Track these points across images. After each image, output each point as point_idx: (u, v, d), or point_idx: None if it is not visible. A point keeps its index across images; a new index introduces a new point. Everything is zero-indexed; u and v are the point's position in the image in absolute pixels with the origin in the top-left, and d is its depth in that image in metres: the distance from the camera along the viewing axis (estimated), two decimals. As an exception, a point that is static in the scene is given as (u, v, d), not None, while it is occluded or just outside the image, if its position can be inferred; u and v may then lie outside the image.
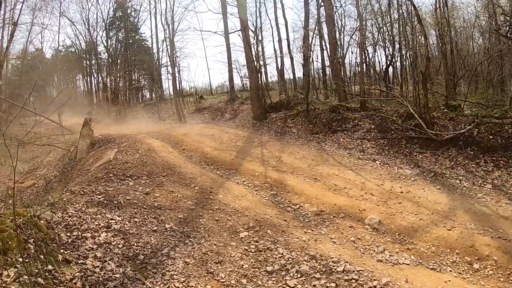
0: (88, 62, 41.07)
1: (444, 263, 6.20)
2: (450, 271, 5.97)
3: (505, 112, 12.47)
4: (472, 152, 11.19)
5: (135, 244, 6.29)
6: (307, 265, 5.84)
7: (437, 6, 20.43)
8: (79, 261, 5.22)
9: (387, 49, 25.32)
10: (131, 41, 39.03)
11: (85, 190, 8.79)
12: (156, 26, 43.07)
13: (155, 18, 44.83)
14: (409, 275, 5.67)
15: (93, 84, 41.91)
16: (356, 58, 29.03)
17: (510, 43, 15.79)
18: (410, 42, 21.98)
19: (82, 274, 4.88)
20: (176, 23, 32.81)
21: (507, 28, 16.60)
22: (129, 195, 8.73)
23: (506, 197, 8.68)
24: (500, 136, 11.28)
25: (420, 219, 7.69)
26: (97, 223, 6.78)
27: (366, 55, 24.21)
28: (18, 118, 18.92)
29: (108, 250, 5.87)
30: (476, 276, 5.81)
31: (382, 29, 25.28)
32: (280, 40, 28.21)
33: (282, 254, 6.24)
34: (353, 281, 5.39)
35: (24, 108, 12.80)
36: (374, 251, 6.63)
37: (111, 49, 38.45)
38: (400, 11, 22.34)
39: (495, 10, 18.13)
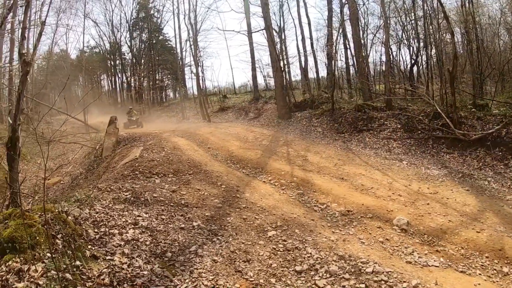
0: (112, 62, 41.82)
1: (474, 266, 6.09)
2: (480, 274, 5.86)
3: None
4: (500, 153, 11.00)
5: (162, 241, 6.30)
6: (336, 265, 5.79)
7: (463, 2, 20.05)
8: (107, 257, 5.26)
9: (411, 48, 25.02)
10: (154, 41, 39.54)
11: (111, 187, 8.90)
12: (179, 26, 43.35)
13: (178, 18, 45.65)
14: (438, 277, 5.59)
15: (117, 84, 42.72)
16: (380, 57, 28.83)
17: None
18: (436, 40, 21.63)
19: (109, 270, 4.90)
20: (199, 23, 33.15)
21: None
22: (156, 192, 8.78)
23: (536, 200, 8.49)
24: (529, 137, 11.03)
25: (449, 220, 7.58)
26: (124, 220, 6.84)
27: (391, 53, 23.91)
28: (44, 117, 19.29)
29: (136, 246, 5.90)
30: (506, 280, 5.69)
31: (406, 27, 24.98)
32: (303, 39, 28.24)
33: (310, 253, 6.19)
34: (383, 282, 5.31)
35: (54, 108, 13.08)
36: (403, 252, 6.55)
37: (135, 50, 39.09)
38: (425, 8, 22.02)
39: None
